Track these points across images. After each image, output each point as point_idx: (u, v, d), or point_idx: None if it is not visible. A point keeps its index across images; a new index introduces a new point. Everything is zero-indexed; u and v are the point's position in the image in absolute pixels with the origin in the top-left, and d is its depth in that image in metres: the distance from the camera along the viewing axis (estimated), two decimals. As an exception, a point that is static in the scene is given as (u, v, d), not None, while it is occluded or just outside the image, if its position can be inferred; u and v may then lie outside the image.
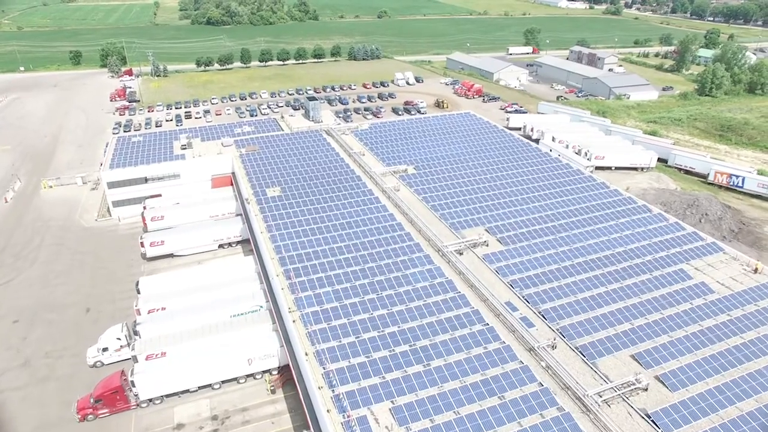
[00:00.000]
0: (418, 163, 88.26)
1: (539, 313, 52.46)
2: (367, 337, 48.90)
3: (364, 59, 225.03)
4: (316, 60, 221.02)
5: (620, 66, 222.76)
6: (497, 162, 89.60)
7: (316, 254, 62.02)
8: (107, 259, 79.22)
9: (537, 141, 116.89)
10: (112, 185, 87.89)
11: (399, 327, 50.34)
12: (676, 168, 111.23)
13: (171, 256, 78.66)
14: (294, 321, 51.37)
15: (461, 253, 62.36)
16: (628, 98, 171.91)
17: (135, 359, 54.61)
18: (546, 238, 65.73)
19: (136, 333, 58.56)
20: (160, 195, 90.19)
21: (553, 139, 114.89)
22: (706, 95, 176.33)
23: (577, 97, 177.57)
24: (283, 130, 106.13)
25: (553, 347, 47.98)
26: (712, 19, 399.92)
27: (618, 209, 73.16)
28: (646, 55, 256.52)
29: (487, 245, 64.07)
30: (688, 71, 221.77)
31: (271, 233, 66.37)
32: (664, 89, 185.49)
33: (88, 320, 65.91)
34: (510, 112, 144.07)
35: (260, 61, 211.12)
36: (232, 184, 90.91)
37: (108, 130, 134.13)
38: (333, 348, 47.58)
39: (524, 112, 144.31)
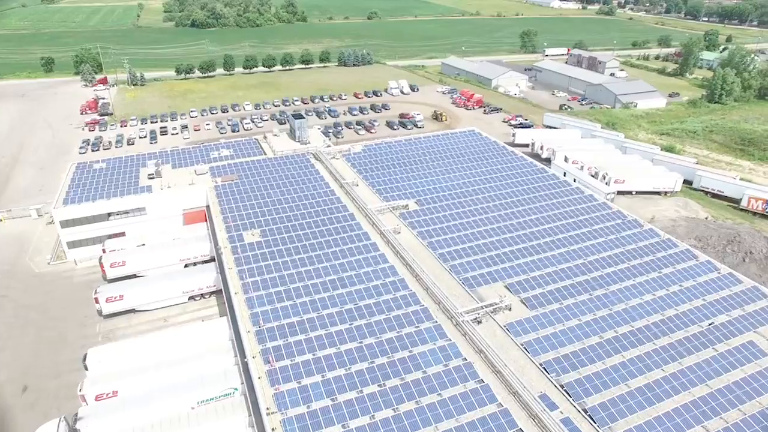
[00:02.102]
0: (420, 196, 76.86)
1: (585, 411, 41.45)
2: (367, 457, 37.72)
3: (354, 65, 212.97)
4: (304, 66, 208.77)
5: (622, 70, 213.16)
6: (510, 194, 78.27)
7: (302, 325, 50.57)
8: (57, 316, 67.13)
9: (548, 160, 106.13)
10: (65, 224, 75.73)
11: (409, 439, 39.22)
12: (701, 191, 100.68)
13: (132, 311, 66.98)
14: (273, 429, 40.02)
15: (479, 322, 51.24)
16: (635, 106, 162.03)
17: (71, 475, 43.06)
18: (580, 297, 54.76)
19: None
20: (123, 233, 78.34)
21: (566, 159, 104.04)
22: (715, 102, 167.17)
23: (581, 105, 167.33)
24: (265, 154, 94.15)
25: (609, 467, 37.12)
26: (706, 19, 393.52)
27: (658, 255, 62.27)
28: (646, 58, 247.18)
29: (510, 309, 52.93)
30: (692, 75, 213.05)
31: (248, 295, 54.82)
32: (670, 95, 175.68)
33: (23, 404, 53.99)
34: (515, 126, 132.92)
35: (245, 68, 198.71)
36: (206, 220, 79.19)
37: (74, 150, 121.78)
38: (324, 476, 36.36)
39: (530, 126, 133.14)
